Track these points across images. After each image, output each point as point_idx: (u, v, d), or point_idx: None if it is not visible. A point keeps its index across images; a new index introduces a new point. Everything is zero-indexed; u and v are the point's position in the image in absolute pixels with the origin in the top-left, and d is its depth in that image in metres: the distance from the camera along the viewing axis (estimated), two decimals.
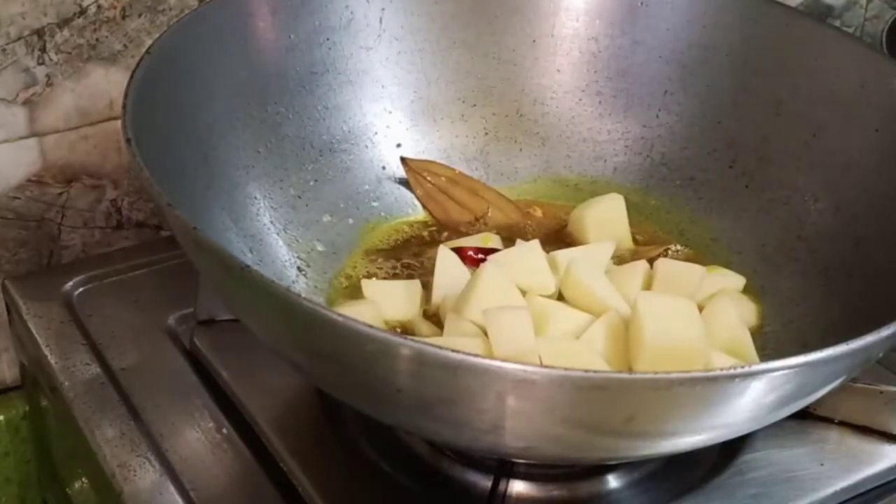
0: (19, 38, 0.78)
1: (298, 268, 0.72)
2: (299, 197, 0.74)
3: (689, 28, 0.78)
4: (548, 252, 0.71)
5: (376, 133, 0.79)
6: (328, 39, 0.76)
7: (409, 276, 0.73)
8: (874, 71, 0.71)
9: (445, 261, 0.70)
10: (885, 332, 0.51)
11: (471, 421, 0.52)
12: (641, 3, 0.80)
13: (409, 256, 0.75)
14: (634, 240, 0.77)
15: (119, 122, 0.59)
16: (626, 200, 0.78)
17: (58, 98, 0.81)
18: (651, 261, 0.72)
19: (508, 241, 0.74)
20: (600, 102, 0.81)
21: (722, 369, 0.48)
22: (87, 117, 0.83)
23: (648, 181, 0.80)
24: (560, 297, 0.69)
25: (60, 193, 0.84)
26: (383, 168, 0.79)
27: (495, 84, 0.81)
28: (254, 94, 0.73)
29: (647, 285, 0.69)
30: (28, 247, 0.84)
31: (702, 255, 0.76)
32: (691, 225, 0.78)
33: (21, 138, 0.81)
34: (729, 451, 0.67)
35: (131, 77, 0.62)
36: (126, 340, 0.75)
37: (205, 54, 0.69)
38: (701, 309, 0.65)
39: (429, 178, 0.78)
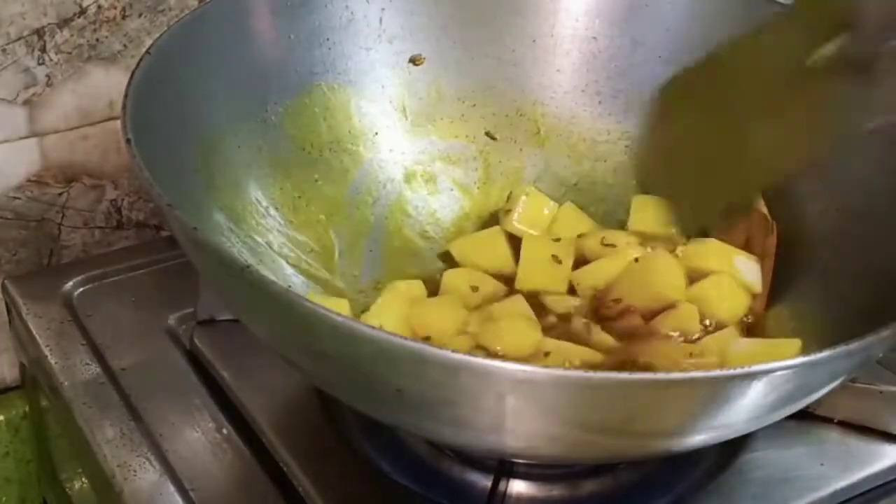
0: (19, 38, 0.78)
1: (299, 268, 0.72)
2: (299, 197, 0.74)
3: (689, 28, 0.78)
4: None
5: (376, 133, 0.79)
6: (328, 39, 0.76)
7: None
8: None
9: None
10: (885, 332, 0.51)
11: (471, 421, 0.52)
12: (641, 3, 0.80)
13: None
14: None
15: (119, 122, 0.59)
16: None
17: (58, 98, 0.81)
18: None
19: None
20: (600, 102, 0.81)
21: (722, 369, 0.48)
22: (87, 117, 0.83)
23: (648, 181, 0.80)
24: None
25: (60, 193, 0.84)
26: (382, 168, 0.79)
27: (495, 84, 0.81)
28: (254, 94, 0.73)
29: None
30: (28, 247, 0.84)
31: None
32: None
33: (21, 138, 0.81)
34: (729, 451, 0.67)
35: (131, 77, 0.62)
36: (126, 340, 0.75)
37: (205, 54, 0.69)
38: None
39: None
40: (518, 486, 0.64)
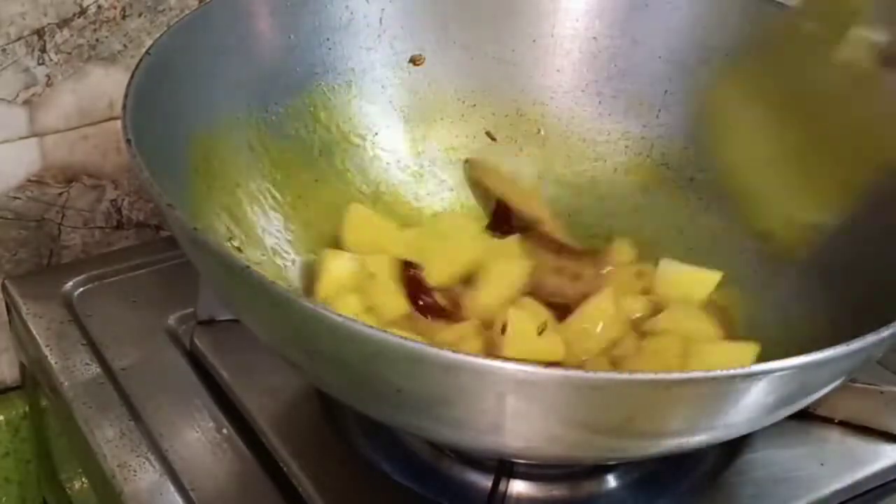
0: (19, 38, 0.78)
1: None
2: (300, 197, 0.74)
3: (689, 28, 0.78)
4: None
5: (376, 133, 0.79)
6: (328, 39, 0.76)
7: None
8: None
9: None
10: (884, 332, 0.51)
11: (471, 421, 0.52)
12: (642, 3, 0.80)
13: None
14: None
15: (119, 122, 0.59)
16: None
17: (58, 98, 0.81)
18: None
19: None
20: (600, 102, 0.81)
21: (722, 369, 0.48)
22: (87, 117, 0.83)
23: (648, 181, 0.80)
24: None
25: (60, 193, 0.84)
26: (384, 168, 0.79)
27: (495, 84, 0.81)
28: (254, 94, 0.73)
29: None
30: (28, 247, 0.84)
31: (702, 255, 0.76)
32: (691, 225, 0.78)
33: (21, 138, 0.81)
34: (729, 451, 0.67)
35: (131, 77, 0.62)
36: (126, 340, 0.75)
37: (205, 54, 0.69)
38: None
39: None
40: (518, 487, 0.64)
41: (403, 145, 0.79)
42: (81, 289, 0.80)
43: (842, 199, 0.68)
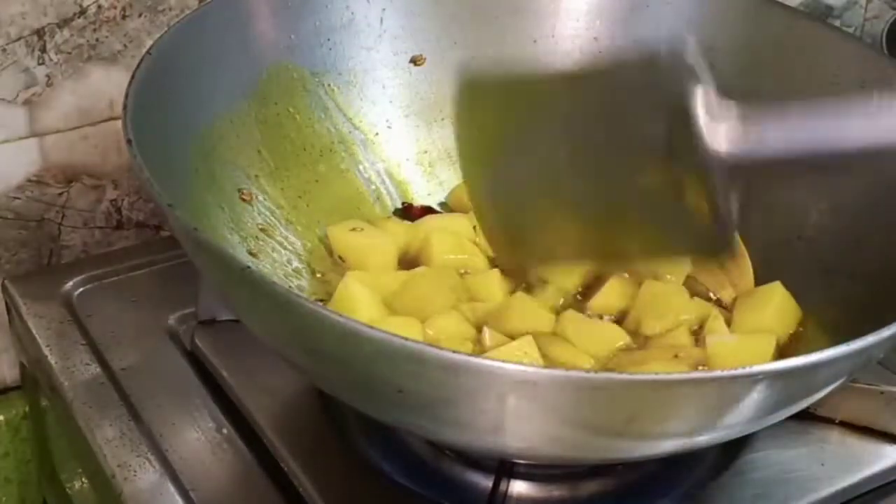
0: (19, 38, 0.78)
1: (299, 268, 0.72)
2: (300, 197, 0.74)
3: (689, 29, 0.78)
4: None
5: (377, 133, 0.79)
6: (328, 40, 0.76)
7: None
8: (874, 71, 0.71)
9: None
10: (885, 332, 0.51)
11: (471, 421, 0.52)
12: (642, 4, 0.79)
13: None
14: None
15: (119, 122, 0.59)
16: None
17: (58, 98, 0.81)
18: None
19: None
20: None
21: (722, 370, 0.48)
22: (87, 117, 0.83)
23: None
24: None
25: (60, 193, 0.84)
26: (385, 169, 0.79)
27: None
28: (254, 94, 0.73)
29: None
30: (28, 247, 0.84)
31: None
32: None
33: (21, 138, 0.81)
34: (729, 451, 0.67)
35: (131, 77, 0.62)
36: (126, 340, 0.75)
37: (205, 54, 0.69)
38: None
39: None
40: (519, 487, 0.64)
41: (404, 146, 0.79)
42: (81, 289, 0.80)
43: None
